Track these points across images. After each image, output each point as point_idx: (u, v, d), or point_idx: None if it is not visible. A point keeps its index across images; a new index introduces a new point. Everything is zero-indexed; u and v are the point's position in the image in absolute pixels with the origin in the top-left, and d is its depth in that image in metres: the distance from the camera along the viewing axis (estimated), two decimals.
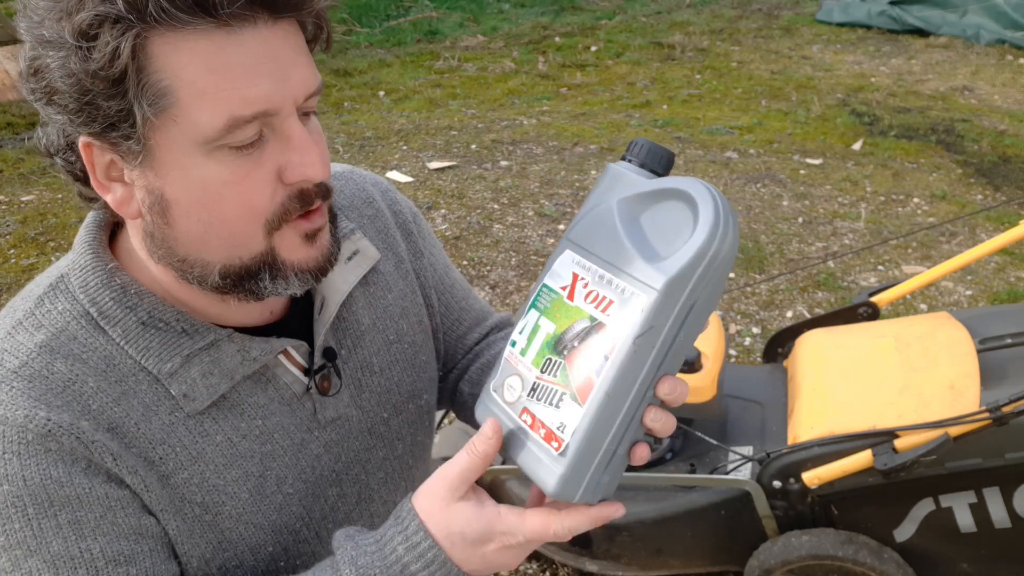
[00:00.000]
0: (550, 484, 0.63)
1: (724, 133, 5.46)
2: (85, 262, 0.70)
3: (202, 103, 0.59)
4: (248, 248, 0.66)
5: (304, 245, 0.68)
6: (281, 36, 0.61)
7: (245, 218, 0.64)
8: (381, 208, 0.90)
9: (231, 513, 0.72)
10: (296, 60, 0.63)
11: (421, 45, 7.79)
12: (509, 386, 0.67)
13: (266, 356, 0.73)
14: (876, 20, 7.94)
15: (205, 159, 0.61)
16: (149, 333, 0.69)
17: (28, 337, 0.67)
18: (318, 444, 0.78)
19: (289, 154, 0.64)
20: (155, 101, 0.58)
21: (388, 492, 0.87)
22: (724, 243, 0.60)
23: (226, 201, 0.63)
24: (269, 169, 0.63)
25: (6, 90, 6.10)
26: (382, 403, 0.84)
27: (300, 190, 0.65)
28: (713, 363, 1.96)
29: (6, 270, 3.76)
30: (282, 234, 0.66)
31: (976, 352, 1.84)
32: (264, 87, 0.60)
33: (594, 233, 0.65)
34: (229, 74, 0.59)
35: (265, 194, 0.64)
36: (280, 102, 0.61)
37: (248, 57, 0.59)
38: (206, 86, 0.58)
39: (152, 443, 0.68)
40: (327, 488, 0.79)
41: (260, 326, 0.75)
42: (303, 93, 0.63)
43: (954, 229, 4.07)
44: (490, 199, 4.50)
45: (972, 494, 1.74)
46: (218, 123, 0.59)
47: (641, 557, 2.03)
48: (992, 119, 5.63)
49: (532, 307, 0.67)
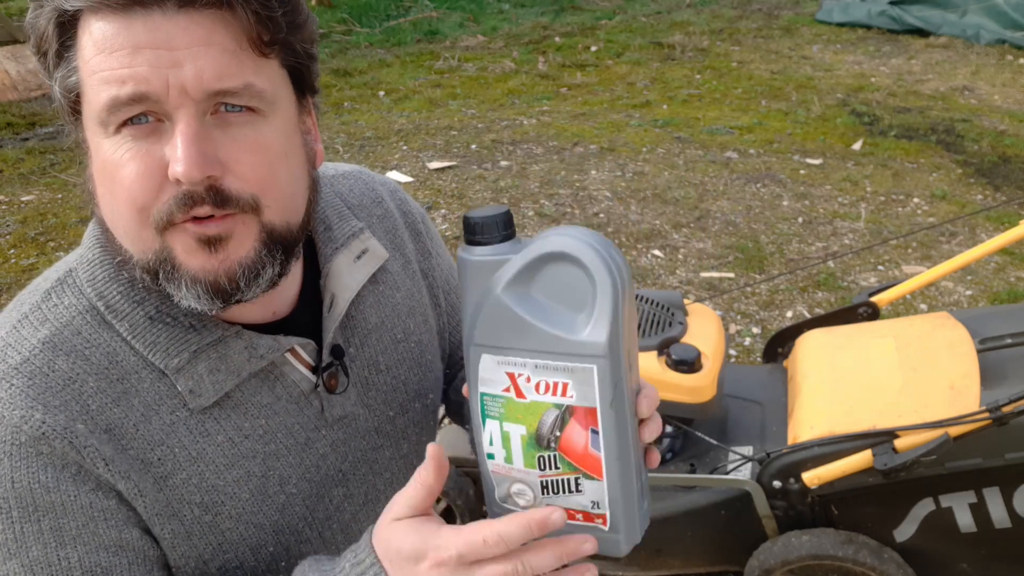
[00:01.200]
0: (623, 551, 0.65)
1: (724, 133, 5.46)
2: (93, 256, 0.70)
3: (92, 81, 0.61)
4: (145, 243, 0.64)
5: (200, 251, 0.63)
6: (184, 26, 0.59)
7: (131, 208, 0.62)
8: (390, 208, 0.91)
9: (231, 513, 0.72)
10: (200, 52, 0.59)
11: (421, 45, 7.79)
12: (518, 493, 0.66)
13: (273, 353, 0.72)
14: (876, 20, 7.94)
15: (105, 140, 0.62)
16: (157, 328, 0.69)
17: (32, 332, 0.67)
18: (324, 443, 0.78)
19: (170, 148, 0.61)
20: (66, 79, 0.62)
21: (394, 492, 0.86)
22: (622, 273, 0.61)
23: (116, 185, 0.62)
24: (157, 159, 0.61)
25: (6, 90, 6.10)
26: (388, 402, 0.84)
27: (184, 191, 0.61)
28: (713, 363, 1.96)
29: (6, 270, 3.76)
30: (174, 236, 0.63)
31: (976, 352, 1.84)
32: (141, 69, 0.59)
33: (500, 329, 0.63)
34: (114, 55, 0.59)
35: (148, 186, 0.61)
36: (159, 87, 0.59)
37: (132, 40, 0.59)
38: (95, 66, 0.60)
39: (151, 444, 0.68)
40: (332, 488, 0.79)
41: (266, 323, 0.75)
42: (198, 86, 0.59)
43: (954, 229, 4.07)
44: (490, 199, 4.50)
45: (972, 494, 1.74)
46: (101, 100, 0.60)
47: (641, 557, 2.02)
48: (992, 119, 5.63)
49: (485, 418, 0.65)
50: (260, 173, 0.64)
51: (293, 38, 0.65)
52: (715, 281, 3.68)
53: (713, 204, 4.41)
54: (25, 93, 6.12)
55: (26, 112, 5.82)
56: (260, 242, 0.65)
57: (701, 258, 3.87)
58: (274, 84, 0.65)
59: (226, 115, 0.62)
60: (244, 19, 0.61)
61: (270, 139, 0.65)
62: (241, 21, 0.61)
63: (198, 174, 0.60)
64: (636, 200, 4.46)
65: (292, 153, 0.68)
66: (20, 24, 6.85)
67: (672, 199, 4.47)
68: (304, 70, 0.68)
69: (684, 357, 1.91)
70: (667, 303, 2.09)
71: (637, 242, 4.02)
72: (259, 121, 0.64)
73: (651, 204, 4.42)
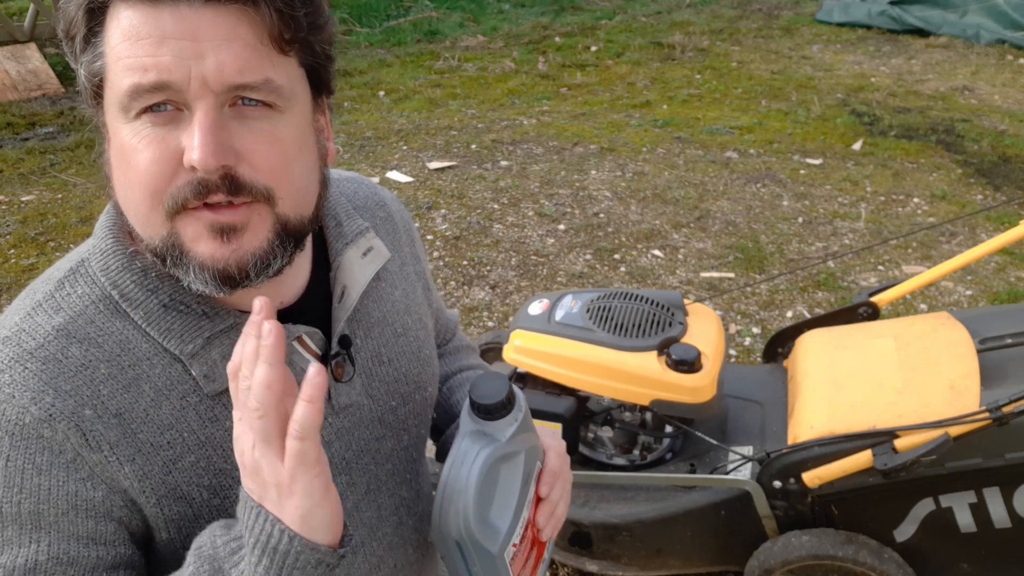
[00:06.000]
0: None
1: (724, 133, 5.46)
2: (106, 246, 0.72)
3: (117, 67, 0.62)
4: (154, 227, 0.66)
5: (210, 238, 0.65)
6: (210, 18, 0.61)
7: (144, 191, 0.64)
8: (392, 212, 0.95)
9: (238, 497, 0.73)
10: (222, 45, 0.61)
11: (421, 45, 7.79)
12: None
13: None
14: (876, 20, 7.94)
15: (124, 125, 0.64)
16: (171, 315, 0.71)
17: (47, 319, 0.69)
18: (330, 431, 0.80)
19: (188, 136, 0.63)
20: (92, 63, 0.64)
21: (395, 484, 0.88)
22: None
23: (131, 169, 0.64)
24: (171, 146, 0.63)
25: (6, 90, 6.10)
26: (391, 392, 0.86)
27: (199, 179, 0.63)
28: (713, 363, 1.96)
29: (6, 270, 3.76)
30: (185, 221, 0.65)
31: (976, 352, 1.84)
32: (165, 59, 0.61)
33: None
34: (139, 43, 0.61)
35: (163, 171, 0.63)
36: (181, 78, 0.61)
37: (158, 29, 0.61)
38: (121, 52, 0.62)
39: (161, 428, 0.70)
40: (336, 476, 0.80)
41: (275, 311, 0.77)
42: (219, 79, 0.61)
43: (954, 229, 4.07)
44: (490, 199, 4.50)
45: (972, 494, 1.74)
46: (124, 86, 0.62)
47: (641, 557, 2.02)
48: (992, 119, 5.63)
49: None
50: (274, 165, 0.66)
51: (313, 38, 0.67)
52: (715, 281, 3.68)
53: (713, 204, 4.41)
54: (25, 93, 6.12)
55: (26, 112, 5.82)
56: (274, 233, 0.67)
57: (701, 258, 3.87)
58: (292, 81, 0.67)
59: (243, 108, 0.64)
60: (267, 16, 0.63)
61: (285, 133, 0.67)
62: (264, 18, 0.63)
63: (214, 162, 0.62)
64: (636, 200, 4.46)
65: (306, 148, 0.70)
66: (20, 24, 6.85)
67: (672, 199, 4.47)
68: (321, 70, 0.71)
69: (684, 357, 1.91)
70: (667, 303, 2.09)
71: (637, 242, 4.02)
72: (275, 116, 0.66)
73: (651, 204, 4.42)
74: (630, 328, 2.02)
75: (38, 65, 6.46)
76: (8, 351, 0.68)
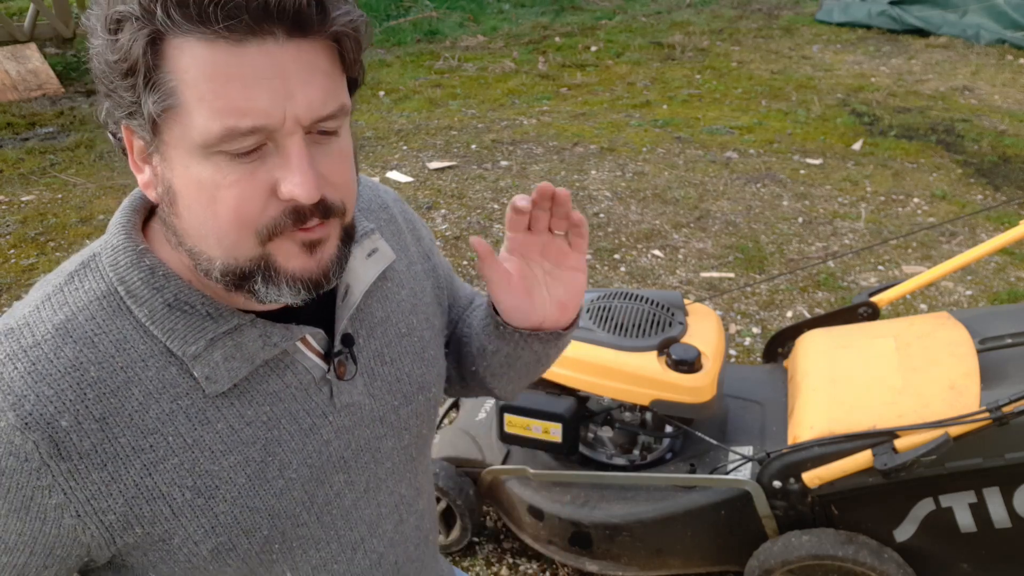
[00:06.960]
0: None
1: (724, 133, 5.46)
2: (117, 242, 0.73)
3: (201, 108, 0.61)
4: (242, 251, 0.67)
5: (302, 253, 0.69)
6: (294, 54, 0.62)
7: (234, 224, 0.66)
8: (395, 214, 0.95)
9: (226, 497, 0.74)
10: (308, 80, 0.63)
11: (421, 45, 7.79)
12: None
13: (286, 341, 0.75)
14: (876, 20, 7.94)
15: (203, 160, 0.64)
16: (175, 315, 0.71)
17: (50, 315, 0.70)
18: (330, 429, 0.80)
19: (284, 171, 0.64)
20: (162, 99, 0.62)
21: (394, 483, 0.89)
22: None
23: (219, 204, 0.65)
24: (263, 180, 0.65)
25: (6, 90, 6.10)
26: (393, 391, 0.87)
27: (295, 207, 0.66)
28: (713, 363, 1.96)
29: (6, 270, 3.76)
30: (278, 243, 0.67)
31: (976, 352, 1.84)
32: (262, 102, 0.61)
33: None
34: (227, 85, 0.61)
35: (255, 205, 0.65)
36: (278, 120, 0.62)
37: (248, 70, 0.61)
38: (204, 92, 0.61)
39: (145, 432, 0.70)
40: (334, 474, 0.81)
41: (276, 311, 0.78)
42: (309, 115, 0.63)
43: (954, 229, 4.07)
44: (490, 199, 4.50)
45: (972, 494, 1.74)
46: (214, 130, 0.61)
47: (641, 557, 2.03)
48: (992, 119, 5.63)
49: None
50: (346, 180, 0.70)
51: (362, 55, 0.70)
52: (715, 281, 3.68)
53: (713, 204, 4.41)
54: (25, 93, 6.12)
55: (26, 112, 5.82)
56: (341, 240, 0.72)
57: (701, 258, 3.87)
58: (348, 98, 0.70)
59: (319, 136, 0.67)
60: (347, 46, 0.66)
61: (347, 148, 0.71)
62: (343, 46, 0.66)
63: (317, 195, 0.65)
64: (636, 200, 4.47)
65: (354, 157, 0.74)
66: (20, 24, 6.85)
67: (672, 199, 4.47)
68: (359, 79, 0.73)
69: (684, 357, 1.92)
70: (667, 303, 2.09)
71: (637, 242, 4.02)
72: (339, 133, 0.69)
73: (651, 204, 4.42)
74: (630, 328, 2.02)
75: (38, 65, 6.46)
76: (6, 346, 0.69)
